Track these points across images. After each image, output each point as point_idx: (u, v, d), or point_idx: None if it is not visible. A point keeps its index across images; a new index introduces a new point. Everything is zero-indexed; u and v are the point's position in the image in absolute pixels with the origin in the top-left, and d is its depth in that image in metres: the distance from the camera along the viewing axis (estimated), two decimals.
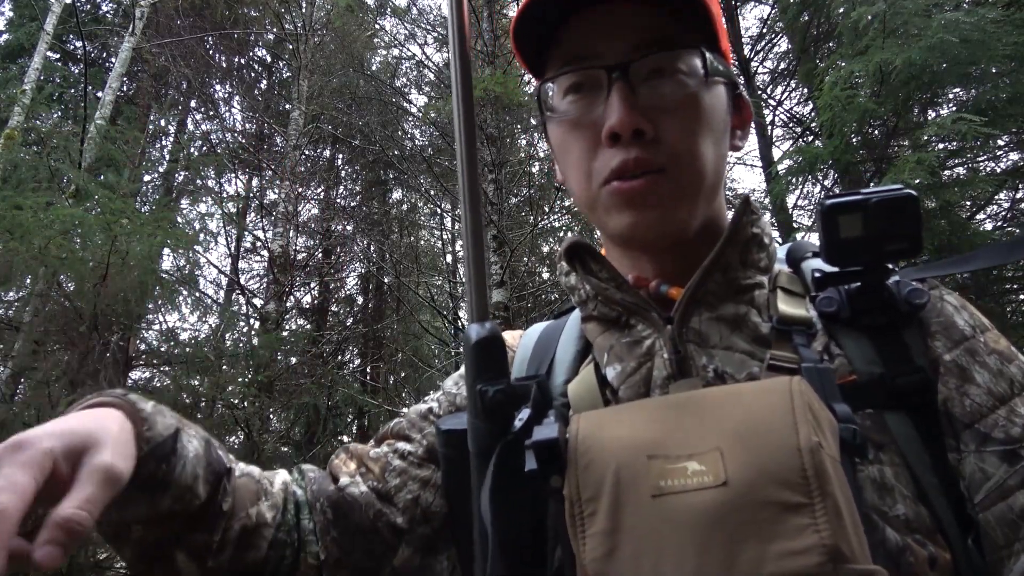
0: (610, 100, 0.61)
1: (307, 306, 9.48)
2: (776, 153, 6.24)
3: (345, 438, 9.08)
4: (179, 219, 8.64)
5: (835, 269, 0.62)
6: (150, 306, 6.62)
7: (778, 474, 0.46)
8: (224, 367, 6.71)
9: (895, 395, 0.57)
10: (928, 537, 0.53)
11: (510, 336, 0.80)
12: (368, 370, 9.22)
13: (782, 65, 7.11)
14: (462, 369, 0.69)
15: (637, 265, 0.70)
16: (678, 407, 0.54)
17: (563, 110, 0.66)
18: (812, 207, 6.24)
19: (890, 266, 0.61)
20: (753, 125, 6.49)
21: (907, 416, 0.57)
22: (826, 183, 5.84)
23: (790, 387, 0.50)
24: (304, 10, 9.60)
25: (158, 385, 7.16)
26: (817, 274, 0.63)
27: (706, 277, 0.64)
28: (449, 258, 10.44)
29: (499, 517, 0.55)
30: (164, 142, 10.68)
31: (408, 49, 9.40)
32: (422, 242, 10.37)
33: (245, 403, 6.87)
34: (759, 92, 6.67)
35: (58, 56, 10.28)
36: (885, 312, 0.61)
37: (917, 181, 4.00)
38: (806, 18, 6.13)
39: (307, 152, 10.04)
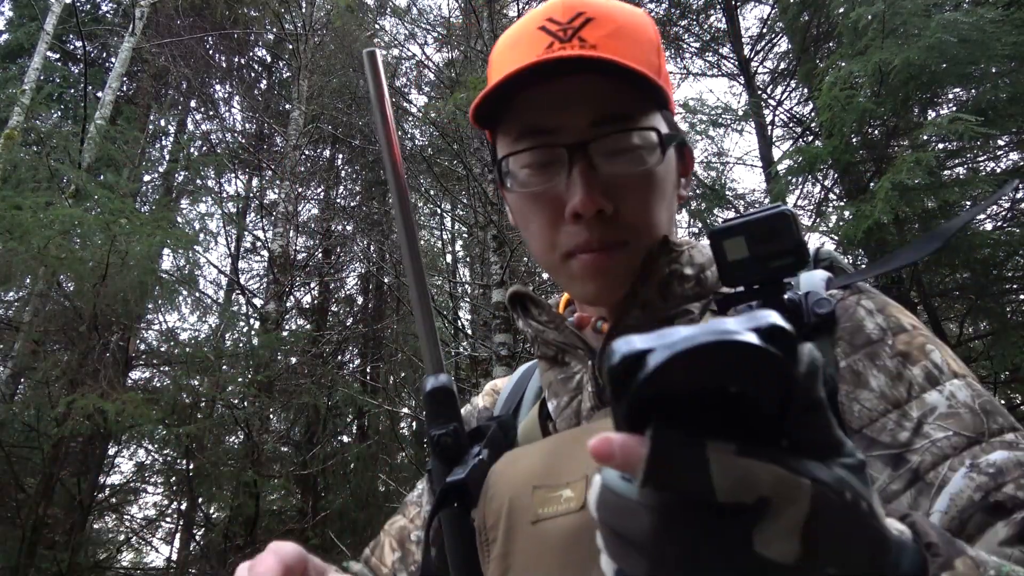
0: (572, 179, 0.64)
1: (307, 306, 9.48)
2: (776, 153, 6.24)
3: (345, 438, 9.08)
4: (179, 219, 8.65)
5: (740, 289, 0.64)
6: (150, 306, 6.62)
7: None
8: (224, 367, 6.72)
9: None
10: None
11: (501, 382, 0.88)
12: (368, 370, 9.22)
13: (782, 65, 7.11)
14: None
15: (593, 307, 0.74)
16: (572, 440, 0.60)
17: (523, 181, 0.68)
18: (812, 207, 6.25)
19: (787, 280, 0.63)
20: (753, 125, 6.50)
21: None
22: (826, 183, 5.84)
23: None
24: (304, 10, 9.60)
25: (158, 385, 7.17)
26: (718, 298, 0.66)
27: (623, 314, 0.68)
28: (449, 258, 10.44)
29: (451, 552, 0.61)
30: (164, 142, 10.70)
31: (408, 49, 9.41)
32: (422, 242, 10.34)
33: (245, 403, 6.87)
34: (759, 92, 6.67)
35: (58, 56, 10.28)
36: (792, 325, 0.61)
37: (916, 181, 4.00)
38: (806, 18, 6.13)
39: (307, 152, 10.05)
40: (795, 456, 0.32)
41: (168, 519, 8.16)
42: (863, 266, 0.73)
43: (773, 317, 0.31)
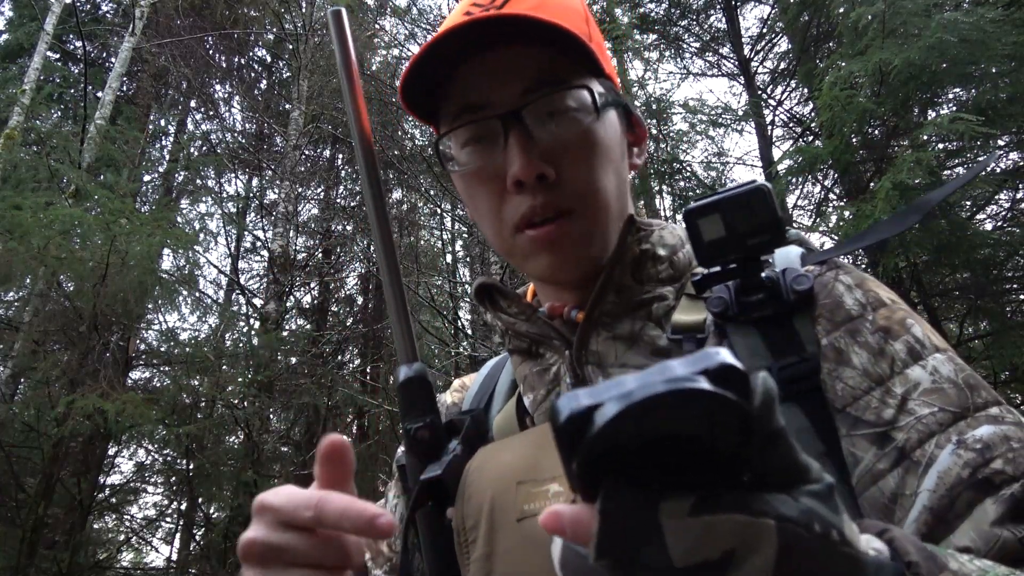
0: (509, 148, 0.62)
1: (307, 306, 9.48)
2: (776, 153, 6.24)
3: (345, 438, 9.08)
4: (179, 219, 8.66)
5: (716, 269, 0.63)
6: (150, 306, 6.62)
7: None
8: (224, 367, 6.71)
9: (783, 386, 0.56)
10: None
11: (469, 378, 0.84)
12: (368, 370, 9.21)
13: (782, 65, 7.11)
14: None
15: (559, 294, 0.71)
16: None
17: (464, 161, 0.67)
18: (812, 207, 6.25)
19: (764, 258, 0.61)
20: (753, 125, 6.50)
21: (797, 406, 0.55)
22: (826, 183, 5.84)
23: None
24: (304, 10, 9.60)
25: (158, 385, 7.17)
26: (695, 277, 0.64)
27: (599, 299, 0.65)
28: (449, 258, 10.44)
29: (428, 554, 0.58)
30: (164, 142, 10.70)
31: (408, 49, 9.40)
32: (422, 242, 10.36)
33: (245, 403, 6.87)
34: (759, 92, 6.68)
35: (58, 56, 10.28)
36: (772, 303, 0.61)
37: (917, 181, 4.00)
38: (806, 18, 6.13)
39: (307, 152, 10.05)
40: (757, 495, 0.30)
41: (168, 519, 8.16)
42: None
43: (722, 355, 0.29)
